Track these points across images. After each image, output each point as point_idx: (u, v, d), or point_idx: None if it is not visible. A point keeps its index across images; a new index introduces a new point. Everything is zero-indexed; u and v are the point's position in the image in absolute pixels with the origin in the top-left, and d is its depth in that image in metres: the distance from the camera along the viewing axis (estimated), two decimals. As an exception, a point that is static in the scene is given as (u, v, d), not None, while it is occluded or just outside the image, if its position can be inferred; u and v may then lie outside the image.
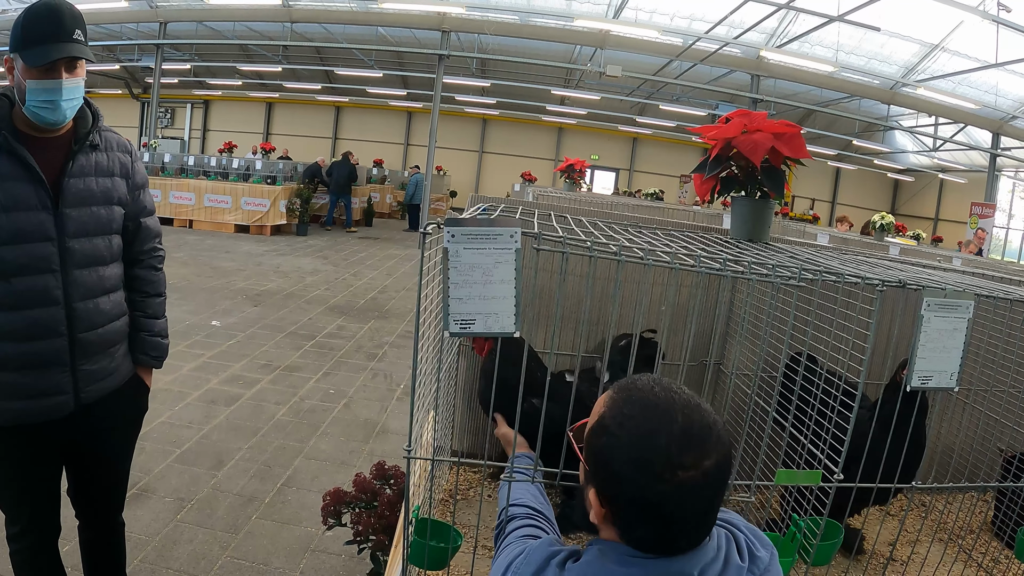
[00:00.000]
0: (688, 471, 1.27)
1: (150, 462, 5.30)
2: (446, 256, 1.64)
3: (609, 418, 1.36)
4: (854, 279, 1.96)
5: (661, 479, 1.26)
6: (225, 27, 23.52)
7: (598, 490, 1.36)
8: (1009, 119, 21.58)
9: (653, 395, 1.35)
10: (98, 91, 33.25)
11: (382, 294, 12.57)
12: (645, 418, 1.31)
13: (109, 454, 2.96)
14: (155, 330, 2.97)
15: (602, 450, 1.34)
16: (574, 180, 10.92)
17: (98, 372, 2.73)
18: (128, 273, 2.89)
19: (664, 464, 1.27)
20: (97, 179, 2.66)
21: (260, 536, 4.52)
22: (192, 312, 9.70)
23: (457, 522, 2.55)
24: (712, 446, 1.30)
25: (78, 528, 3.11)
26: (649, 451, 1.28)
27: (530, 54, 23.07)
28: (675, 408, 1.32)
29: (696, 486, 1.28)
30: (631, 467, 1.29)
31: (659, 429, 1.29)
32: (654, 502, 1.28)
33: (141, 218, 2.88)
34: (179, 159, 18.97)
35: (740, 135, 2.52)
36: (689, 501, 1.28)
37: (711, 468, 1.29)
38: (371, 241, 19.75)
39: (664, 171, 33.42)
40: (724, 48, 20.31)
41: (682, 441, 1.28)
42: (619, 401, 1.37)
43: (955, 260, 5.25)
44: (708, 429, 1.31)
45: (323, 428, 6.29)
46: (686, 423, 1.30)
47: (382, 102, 33.39)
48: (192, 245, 15.36)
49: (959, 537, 3.13)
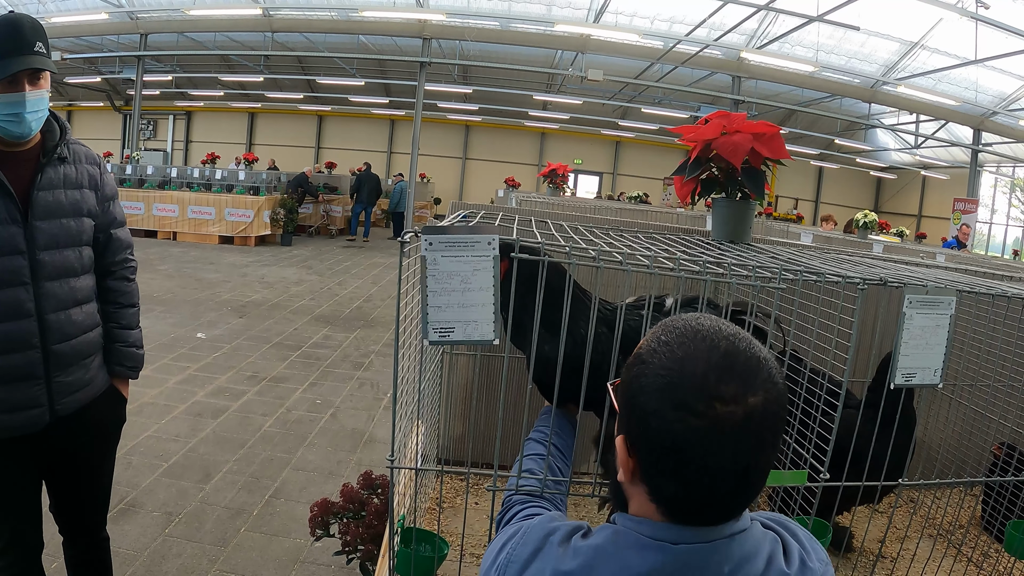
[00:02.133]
0: (727, 405, 1.06)
1: (137, 476, 5.27)
2: (424, 264, 1.63)
3: (644, 347, 1.17)
4: (835, 278, 1.95)
5: (694, 412, 1.06)
6: (206, 38, 23.51)
7: (626, 435, 1.16)
8: (990, 115, 21.77)
9: (696, 322, 1.16)
10: (80, 104, 33.21)
11: (367, 303, 12.55)
12: (682, 344, 1.12)
13: (88, 467, 2.94)
14: (129, 341, 2.95)
15: (632, 383, 1.15)
16: (557, 185, 10.94)
17: (73, 384, 2.71)
18: (101, 285, 2.88)
19: (698, 393, 1.07)
20: (66, 191, 2.65)
21: (249, 549, 4.49)
22: (177, 324, 9.65)
23: (443, 531, 2.54)
24: (760, 382, 1.09)
25: (63, 545, 3.08)
26: (682, 377, 1.09)
27: (511, 60, 23.15)
28: (720, 335, 1.12)
29: (736, 429, 1.06)
30: (660, 398, 1.09)
31: (697, 355, 1.10)
32: (684, 442, 1.07)
33: (111, 229, 2.88)
34: (162, 171, 18.89)
35: (719, 136, 2.51)
36: (727, 447, 1.07)
37: (756, 408, 1.07)
38: (355, 250, 19.71)
39: (648, 174, 33.46)
40: (705, 50, 20.44)
41: (723, 369, 1.08)
42: (657, 331, 1.18)
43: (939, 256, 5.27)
44: (757, 362, 1.10)
45: (310, 439, 6.26)
46: (730, 350, 1.10)
47: (365, 110, 33.34)
48: (176, 257, 15.30)
49: (948, 532, 3.14)
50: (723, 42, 19.72)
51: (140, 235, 17.39)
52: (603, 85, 23.06)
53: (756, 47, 19.76)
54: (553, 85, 27.83)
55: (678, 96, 24.96)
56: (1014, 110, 21.00)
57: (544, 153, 34.00)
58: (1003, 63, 18.04)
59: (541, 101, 29.35)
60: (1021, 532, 2.71)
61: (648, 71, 22.89)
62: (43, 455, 2.76)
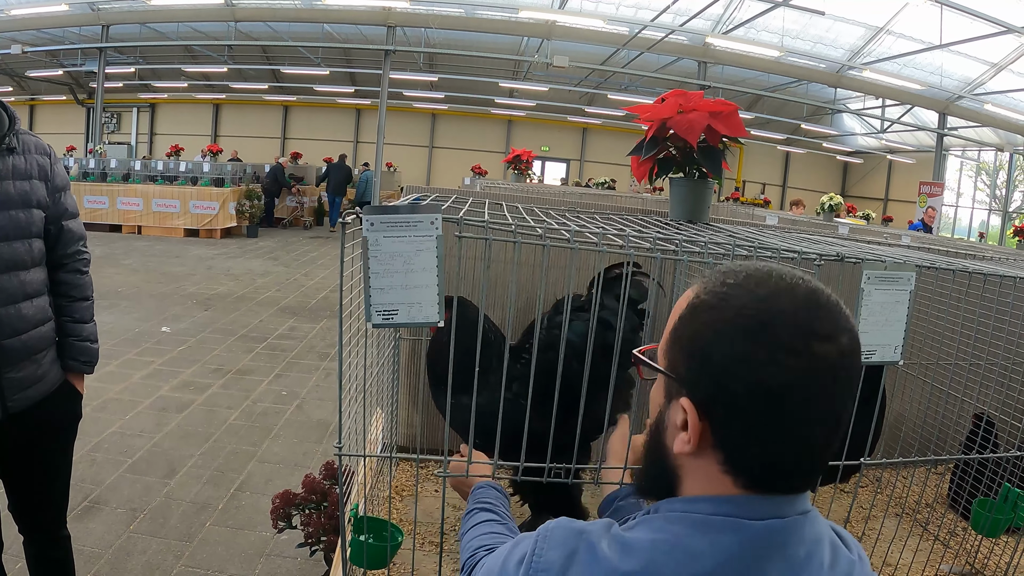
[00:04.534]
0: (823, 344, 0.95)
1: (101, 473, 5.19)
2: (365, 245, 1.59)
3: (705, 294, 1.03)
4: (790, 254, 1.92)
5: (792, 351, 0.95)
6: (169, 28, 23.18)
7: (694, 397, 1.01)
8: (955, 99, 21.94)
9: (762, 265, 1.04)
10: (42, 98, 32.71)
11: (334, 293, 12.38)
12: (760, 283, 1.00)
13: (44, 464, 2.87)
14: (83, 335, 2.88)
15: (700, 334, 1.01)
16: (522, 171, 10.90)
17: (24, 379, 2.64)
18: (53, 278, 2.81)
19: (794, 330, 0.95)
20: (14, 182, 2.58)
21: (215, 543, 4.44)
22: (141, 319, 9.54)
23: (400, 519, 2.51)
24: (844, 320, 0.99)
25: (23, 544, 3.01)
26: (772, 315, 0.97)
27: (477, 47, 23.07)
28: (793, 275, 1.01)
29: (833, 370, 0.96)
30: (747, 340, 0.96)
31: (781, 292, 0.99)
32: (780, 387, 0.95)
33: (63, 221, 2.80)
34: (125, 164, 18.67)
35: (676, 115, 2.49)
36: (825, 392, 0.96)
37: (847, 348, 0.97)
38: (322, 240, 19.59)
39: (615, 160, 33.35)
40: (670, 36, 20.42)
41: (811, 305, 0.98)
42: (716, 277, 1.04)
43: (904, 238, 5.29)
44: (837, 301, 1.00)
45: (276, 431, 6.21)
46: (812, 288, 1.00)
47: (330, 100, 33.11)
48: (141, 251, 15.13)
49: (914, 511, 3.14)
50: (689, 27, 19.72)
51: (104, 229, 17.22)
52: (569, 72, 23.03)
53: (722, 32, 19.78)
54: (519, 72, 27.75)
55: (644, 83, 24.94)
56: (979, 94, 21.17)
57: (511, 140, 33.88)
58: (968, 48, 18.16)
59: (507, 88, 29.24)
60: (988, 510, 2.71)
61: (614, 57, 22.86)
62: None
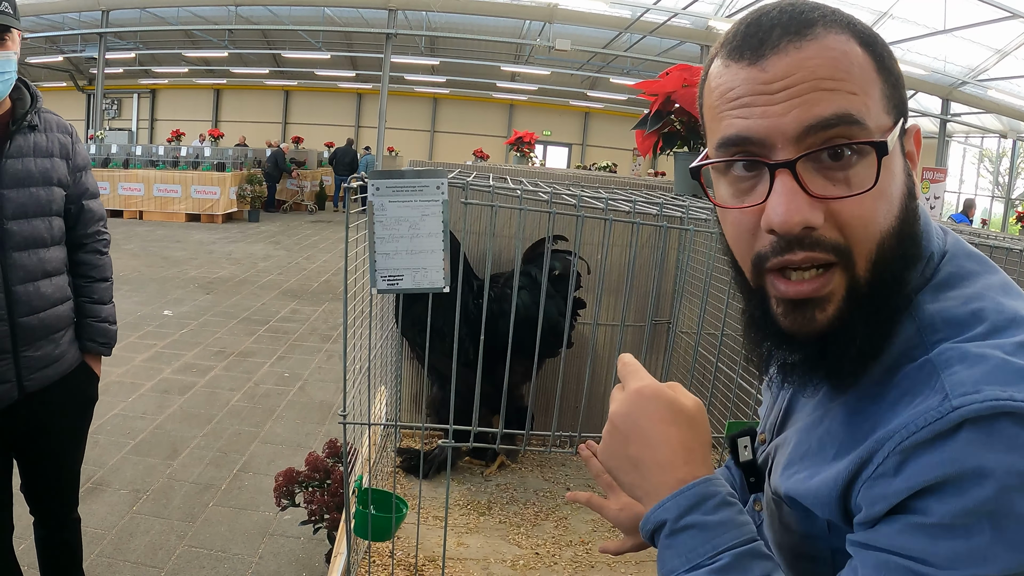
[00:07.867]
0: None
1: (104, 455, 5.20)
2: (371, 210, 1.58)
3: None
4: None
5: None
6: (169, 13, 23.11)
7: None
8: (958, 85, 21.87)
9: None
10: (43, 84, 32.55)
11: (336, 276, 12.46)
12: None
13: (57, 446, 2.87)
14: (102, 316, 2.87)
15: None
16: (524, 153, 10.82)
17: (42, 359, 2.63)
18: (72, 258, 2.80)
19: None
20: (36, 159, 2.57)
21: (217, 523, 4.45)
22: (143, 303, 9.54)
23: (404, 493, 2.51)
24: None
25: (33, 525, 3.01)
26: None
27: (478, 30, 22.96)
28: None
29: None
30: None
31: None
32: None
33: (83, 200, 2.79)
34: (126, 149, 18.65)
35: (680, 89, 2.48)
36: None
37: None
38: (324, 224, 19.58)
39: (617, 145, 33.33)
40: (673, 19, 20.34)
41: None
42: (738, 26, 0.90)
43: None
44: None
45: (278, 412, 6.21)
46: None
47: (331, 84, 33.08)
48: (142, 236, 15.11)
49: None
50: (691, 11, 19.65)
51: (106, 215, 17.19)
52: (571, 55, 22.96)
53: (725, 16, 19.70)
54: (521, 56, 27.66)
55: (647, 66, 24.84)
56: (983, 80, 21.10)
57: (513, 124, 33.78)
58: (972, 33, 18.06)
59: (509, 72, 29.18)
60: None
61: (616, 41, 22.77)
62: (12, 433, 2.69)
